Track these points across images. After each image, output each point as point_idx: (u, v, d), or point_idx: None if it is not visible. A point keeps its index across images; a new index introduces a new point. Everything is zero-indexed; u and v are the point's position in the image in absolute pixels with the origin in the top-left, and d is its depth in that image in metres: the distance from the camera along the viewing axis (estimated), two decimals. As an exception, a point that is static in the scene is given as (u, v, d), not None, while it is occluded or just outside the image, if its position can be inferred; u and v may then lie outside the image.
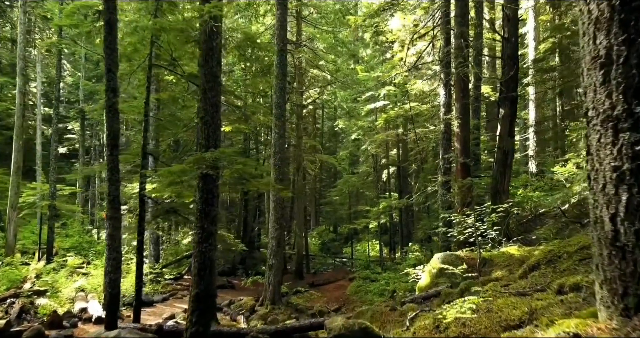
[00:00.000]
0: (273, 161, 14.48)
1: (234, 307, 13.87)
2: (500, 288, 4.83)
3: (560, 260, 5.33)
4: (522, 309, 3.29)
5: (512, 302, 3.58)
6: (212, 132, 6.98)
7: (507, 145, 12.38)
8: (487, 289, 5.08)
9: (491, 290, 4.90)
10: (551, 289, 3.95)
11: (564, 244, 5.66)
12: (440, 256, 8.72)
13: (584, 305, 2.95)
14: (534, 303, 3.36)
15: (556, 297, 3.43)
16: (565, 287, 3.51)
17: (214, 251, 6.93)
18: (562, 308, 3.01)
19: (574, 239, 5.69)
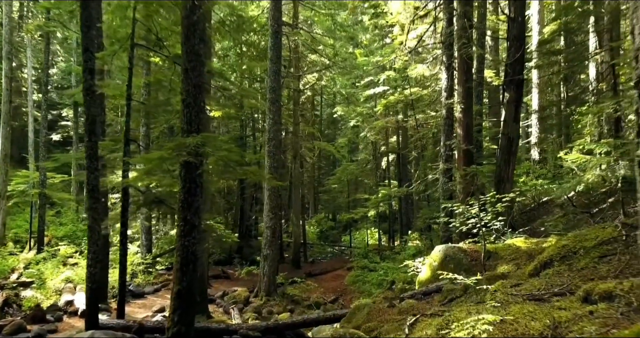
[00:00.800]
0: (267, 148, 13.93)
1: (227, 298, 13.44)
2: (511, 289, 4.31)
3: (576, 256, 4.81)
4: (542, 321, 2.78)
5: (529, 310, 3.07)
6: (194, 116, 6.41)
7: (512, 131, 11.82)
8: (496, 289, 4.57)
9: (500, 290, 4.38)
10: (573, 294, 3.43)
11: (579, 238, 5.14)
12: (442, 248, 8.22)
13: (623, 321, 2.44)
14: (557, 313, 2.85)
15: (583, 307, 2.91)
16: (593, 294, 3.00)
17: (198, 245, 6.41)
18: (593, 323, 2.50)
19: (591, 232, 5.16)
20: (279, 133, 14.19)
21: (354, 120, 25.50)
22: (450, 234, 11.96)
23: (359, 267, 18.45)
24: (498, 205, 7.91)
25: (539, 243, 7.57)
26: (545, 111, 23.54)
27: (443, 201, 12.23)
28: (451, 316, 3.67)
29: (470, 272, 7.60)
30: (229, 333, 7.63)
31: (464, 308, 3.69)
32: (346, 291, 16.67)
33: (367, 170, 27.75)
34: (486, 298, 4.67)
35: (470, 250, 7.98)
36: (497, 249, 7.86)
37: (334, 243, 30.38)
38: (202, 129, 6.52)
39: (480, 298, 5.22)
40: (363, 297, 15.24)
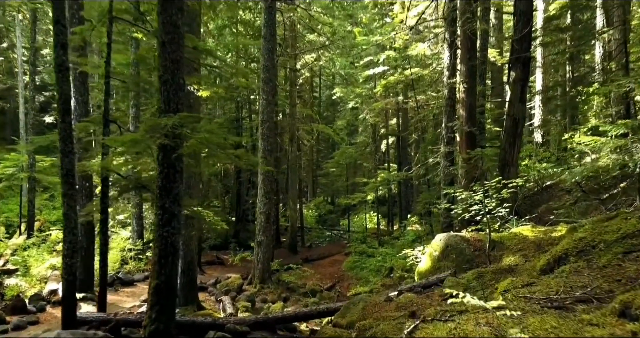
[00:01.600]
0: (261, 131, 13.34)
1: (220, 286, 13.00)
2: (523, 290, 3.78)
3: (595, 251, 4.27)
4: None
5: (553, 325, 2.53)
6: (172, 94, 5.80)
7: (518, 112, 11.19)
8: (506, 288, 4.04)
9: (511, 291, 3.85)
10: (601, 301, 2.90)
11: (598, 230, 4.59)
12: (443, 237, 7.69)
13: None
14: (589, 332, 2.32)
15: (621, 324, 2.38)
16: (633, 307, 2.46)
17: (178, 235, 5.87)
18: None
19: (612, 224, 4.62)
20: (273, 114, 13.57)
21: (353, 102, 24.80)
22: (451, 220, 11.45)
23: (357, 253, 18.03)
24: (503, 191, 7.37)
25: (547, 232, 7.05)
26: (549, 92, 22.87)
27: (444, 186, 11.70)
28: (457, 329, 3.14)
29: (473, 264, 7.10)
30: (215, 328, 7.16)
31: (472, 316, 3.16)
32: (343, 277, 16.26)
33: (366, 154, 27.18)
34: (494, 298, 4.14)
35: (473, 240, 7.47)
36: (502, 238, 7.34)
37: (332, 227, 29.98)
38: (182, 109, 5.92)
39: (486, 296, 4.70)
40: (360, 284, 14.85)
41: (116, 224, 19.01)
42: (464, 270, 7.02)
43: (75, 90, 11.09)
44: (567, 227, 6.79)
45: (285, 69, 21.70)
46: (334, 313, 7.04)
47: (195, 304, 10.41)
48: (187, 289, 10.32)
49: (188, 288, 10.33)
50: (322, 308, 7.35)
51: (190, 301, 10.31)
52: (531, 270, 5.32)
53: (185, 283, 10.29)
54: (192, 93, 10.13)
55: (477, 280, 5.78)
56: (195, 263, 10.49)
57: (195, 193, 10.43)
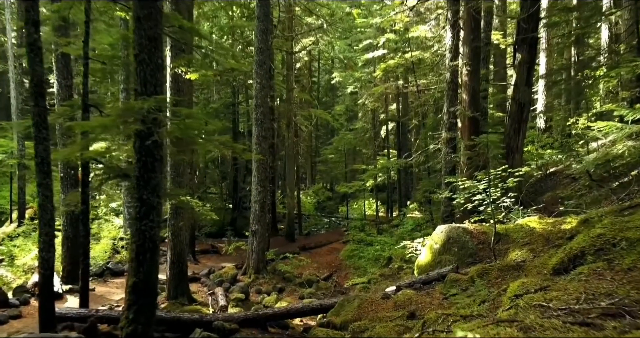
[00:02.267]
0: (255, 116, 12.80)
1: (213, 276, 12.60)
2: (537, 296, 3.33)
3: (616, 250, 3.82)
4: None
5: (582, 351, 2.10)
6: (149, 75, 5.28)
7: (524, 96, 10.68)
8: (516, 293, 3.59)
9: (524, 298, 3.40)
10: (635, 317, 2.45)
11: (619, 226, 4.13)
12: (444, 229, 7.25)
13: None
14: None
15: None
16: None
17: (157, 229, 5.41)
18: None
19: (634, 219, 4.16)
20: (267, 99, 13.01)
21: (352, 86, 24.19)
22: (452, 210, 11.01)
23: (355, 241, 17.63)
24: (509, 180, 6.90)
25: (556, 224, 6.60)
26: (553, 76, 22.25)
27: (445, 175, 11.22)
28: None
29: (476, 258, 6.66)
30: (202, 325, 6.75)
31: (480, 331, 2.70)
32: (341, 266, 15.89)
33: (365, 140, 26.62)
34: (503, 304, 3.70)
35: (477, 232, 7.02)
36: (508, 230, 6.90)
37: (330, 214, 29.62)
38: (162, 92, 5.41)
39: (493, 298, 4.26)
40: (358, 274, 14.48)
41: (109, 212, 18.59)
42: (467, 264, 6.59)
43: (57, 73, 10.56)
44: (578, 218, 6.35)
45: (282, 52, 21.05)
46: (328, 309, 6.63)
47: (186, 296, 10.02)
48: (177, 281, 9.91)
49: (178, 280, 9.92)
50: (316, 304, 6.94)
51: (180, 293, 9.92)
52: (541, 268, 4.87)
53: (175, 275, 9.88)
54: (180, 76, 9.60)
55: (481, 278, 5.34)
56: (185, 254, 10.07)
57: (185, 181, 9.96)
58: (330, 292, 12.77)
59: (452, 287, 5.56)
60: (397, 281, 11.98)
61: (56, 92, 10.65)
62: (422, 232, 14.54)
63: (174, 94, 9.75)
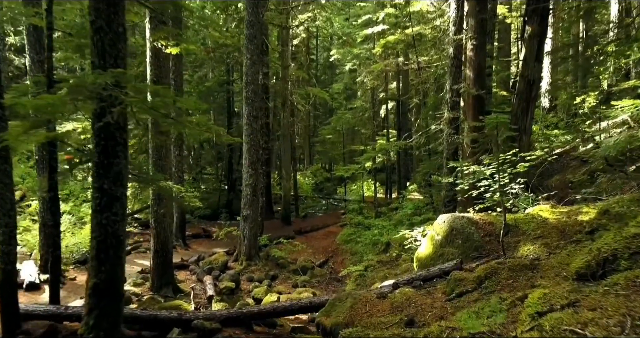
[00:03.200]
0: (245, 94, 12.03)
1: (203, 263, 12.04)
2: (567, 315, 2.68)
3: (658, 255, 3.15)
4: None
5: None
6: (108, 45, 4.54)
7: (533, 73, 9.91)
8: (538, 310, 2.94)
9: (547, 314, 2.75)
10: None
11: (658, 225, 3.46)
12: (447, 219, 6.59)
13: None
14: None
15: None
16: None
17: (121, 223, 4.75)
18: None
19: (677, 217, 3.49)
20: (258, 76, 12.21)
21: (351, 63, 23.26)
22: (454, 194, 10.34)
23: (353, 224, 17.07)
24: (520, 165, 6.21)
25: (571, 214, 5.93)
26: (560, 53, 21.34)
27: (447, 157, 10.53)
28: None
29: (482, 251, 6.02)
30: (181, 324, 6.17)
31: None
32: (337, 251, 15.35)
33: (364, 119, 25.79)
34: (521, 321, 3.06)
35: (483, 222, 6.36)
36: (517, 221, 6.24)
37: (329, 196, 29.03)
38: (123, 64, 4.67)
39: (507, 308, 3.62)
40: (355, 260, 13.92)
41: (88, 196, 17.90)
42: (472, 259, 5.96)
43: (29, 48, 9.76)
44: (596, 208, 5.68)
45: (276, 27, 20.08)
46: (318, 308, 6.03)
47: (171, 287, 9.45)
48: (161, 271, 9.34)
49: (162, 269, 9.34)
50: (305, 302, 6.34)
51: (165, 283, 9.35)
52: (560, 269, 4.23)
53: (159, 265, 9.30)
54: (162, 51, 8.82)
55: (490, 279, 4.71)
56: (169, 243, 9.46)
57: (168, 165, 9.28)
58: (326, 280, 12.24)
59: (457, 288, 4.93)
60: (395, 269, 11.43)
61: (28, 69, 9.88)
62: (422, 216, 13.94)
63: (155, 71, 8.99)
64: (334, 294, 7.17)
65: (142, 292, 9.27)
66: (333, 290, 11.39)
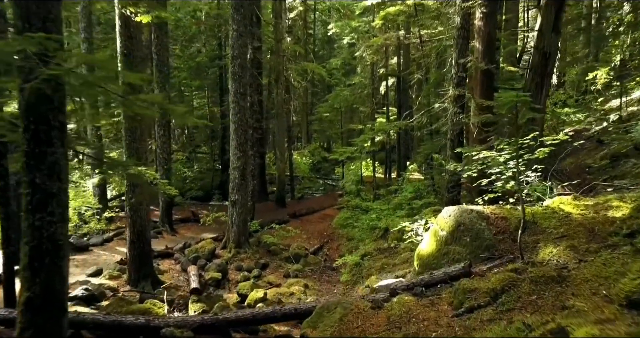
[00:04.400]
0: (232, 69, 11.03)
1: (188, 251, 11.27)
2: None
3: None
4: None
5: None
6: (35, 5, 3.60)
7: (550, 45, 8.92)
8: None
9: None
10: None
11: None
12: (453, 212, 5.75)
13: None
14: None
15: None
16: None
17: (61, 225, 3.91)
18: None
19: None
20: (246, 49, 11.20)
21: (349, 37, 22.05)
22: (459, 180, 9.49)
23: (350, 207, 16.30)
24: (539, 151, 5.31)
25: (598, 208, 5.08)
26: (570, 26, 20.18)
27: (452, 138, 9.62)
28: None
29: (494, 252, 5.19)
30: (148, 332, 5.41)
31: None
32: (333, 236, 14.60)
33: (363, 96, 24.71)
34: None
35: (494, 217, 5.52)
36: (535, 215, 5.40)
37: (326, 176, 28.19)
38: (55, 29, 3.73)
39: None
40: (351, 246, 13.16)
41: (83, 176, 17.09)
42: (482, 260, 5.14)
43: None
44: (629, 201, 4.83)
45: None
46: (303, 315, 5.24)
47: (150, 280, 8.69)
48: (139, 263, 8.56)
49: (140, 262, 8.57)
50: (289, 309, 5.55)
51: (143, 276, 8.59)
52: (598, 286, 3.40)
53: (136, 257, 8.51)
54: (131, 19, 7.82)
55: (508, 293, 3.89)
56: (147, 232, 8.65)
57: (143, 147, 8.38)
58: (320, 268, 11.51)
59: (466, 300, 4.12)
60: (393, 257, 10.64)
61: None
62: (422, 200, 13.12)
63: (125, 42, 8.01)
64: (323, 299, 6.40)
65: (119, 286, 8.52)
66: (327, 280, 10.68)
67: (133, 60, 8.05)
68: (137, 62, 8.12)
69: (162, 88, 13.25)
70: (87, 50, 13.21)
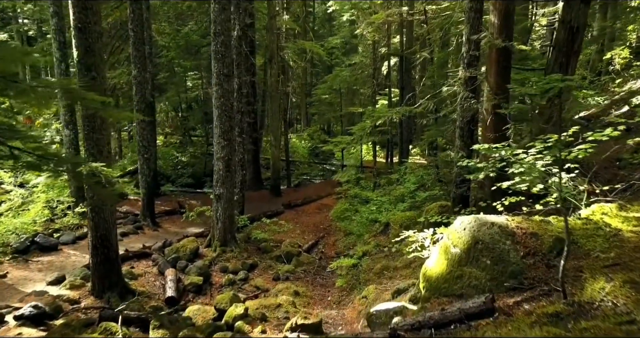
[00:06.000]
0: (214, 47, 9.80)
1: (168, 251, 10.21)
2: None
3: None
4: None
5: None
6: None
7: (578, 18, 7.65)
8: None
9: None
10: None
11: None
12: (469, 225, 4.62)
13: None
14: None
15: None
16: None
17: None
18: None
19: None
20: (229, 24, 9.91)
21: (348, 14, 20.63)
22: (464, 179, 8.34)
23: (349, 197, 15.20)
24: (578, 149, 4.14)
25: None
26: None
27: (461, 126, 8.45)
28: None
29: (523, 280, 4.08)
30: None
31: None
32: (330, 230, 13.55)
33: (364, 77, 23.36)
34: None
35: (522, 233, 4.39)
36: (573, 231, 4.28)
37: (325, 160, 27.05)
38: None
39: None
40: (348, 243, 12.09)
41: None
42: (507, 291, 4.04)
43: None
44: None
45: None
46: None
47: (118, 289, 7.65)
48: (103, 271, 7.50)
49: (105, 269, 7.51)
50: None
51: (109, 286, 7.54)
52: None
53: (99, 264, 7.45)
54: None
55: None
56: (112, 235, 7.56)
57: (103, 138, 7.22)
58: (314, 269, 10.46)
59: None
60: (395, 259, 9.59)
61: None
62: (427, 192, 11.99)
63: (79, 15, 6.79)
64: (315, 313, 5.30)
65: (81, 297, 7.48)
66: (321, 284, 9.65)
67: (89, 36, 6.85)
68: (95, 37, 6.89)
69: (141, 69, 12.02)
70: (57, 25, 11.93)
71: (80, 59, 6.89)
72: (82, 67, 6.91)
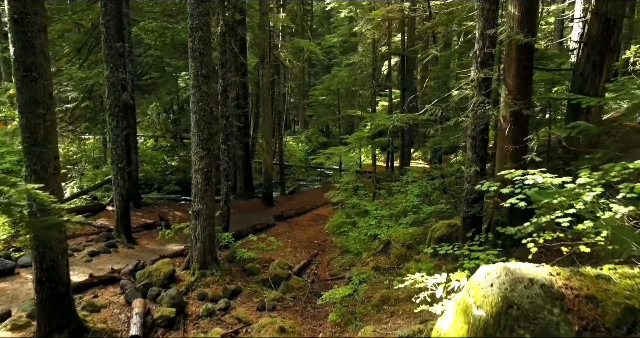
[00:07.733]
0: (191, 44, 8.64)
1: (140, 275, 9.03)
2: None
3: None
4: None
5: None
6: None
7: (614, 9, 6.49)
8: None
9: None
10: None
11: None
12: (498, 279, 3.42)
13: None
14: None
15: None
16: None
17: None
18: None
19: None
20: (207, 18, 8.74)
21: (347, 10, 19.44)
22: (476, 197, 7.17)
23: (347, 207, 13.99)
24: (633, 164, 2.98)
25: None
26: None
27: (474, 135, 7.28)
28: None
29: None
30: None
31: None
32: (325, 246, 12.38)
33: (363, 78, 22.15)
34: None
35: (573, 295, 3.18)
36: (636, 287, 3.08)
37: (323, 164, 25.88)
38: None
39: None
40: (344, 261, 10.89)
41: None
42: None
43: None
44: None
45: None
46: None
47: (71, 329, 6.48)
48: (50, 309, 6.33)
49: (51, 306, 6.33)
50: None
51: (58, 327, 6.37)
52: None
53: (46, 300, 6.28)
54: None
55: None
56: (61, 268, 6.38)
57: (49, 152, 6.03)
58: (305, 295, 9.24)
59: None
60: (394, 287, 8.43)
61: None
62: (432, 207, 10.81)
63: (16, 2, 5.62)
64: None
65: (25, 340, 6.31)
66: (312, 315, 8.45)
67: (29, 29, 5.68)
68: (36, 31, 5.72)
69: (114, 68, 10.84)
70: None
71: (17, 57, 5.72)
72: (19, 67, 5.74)
